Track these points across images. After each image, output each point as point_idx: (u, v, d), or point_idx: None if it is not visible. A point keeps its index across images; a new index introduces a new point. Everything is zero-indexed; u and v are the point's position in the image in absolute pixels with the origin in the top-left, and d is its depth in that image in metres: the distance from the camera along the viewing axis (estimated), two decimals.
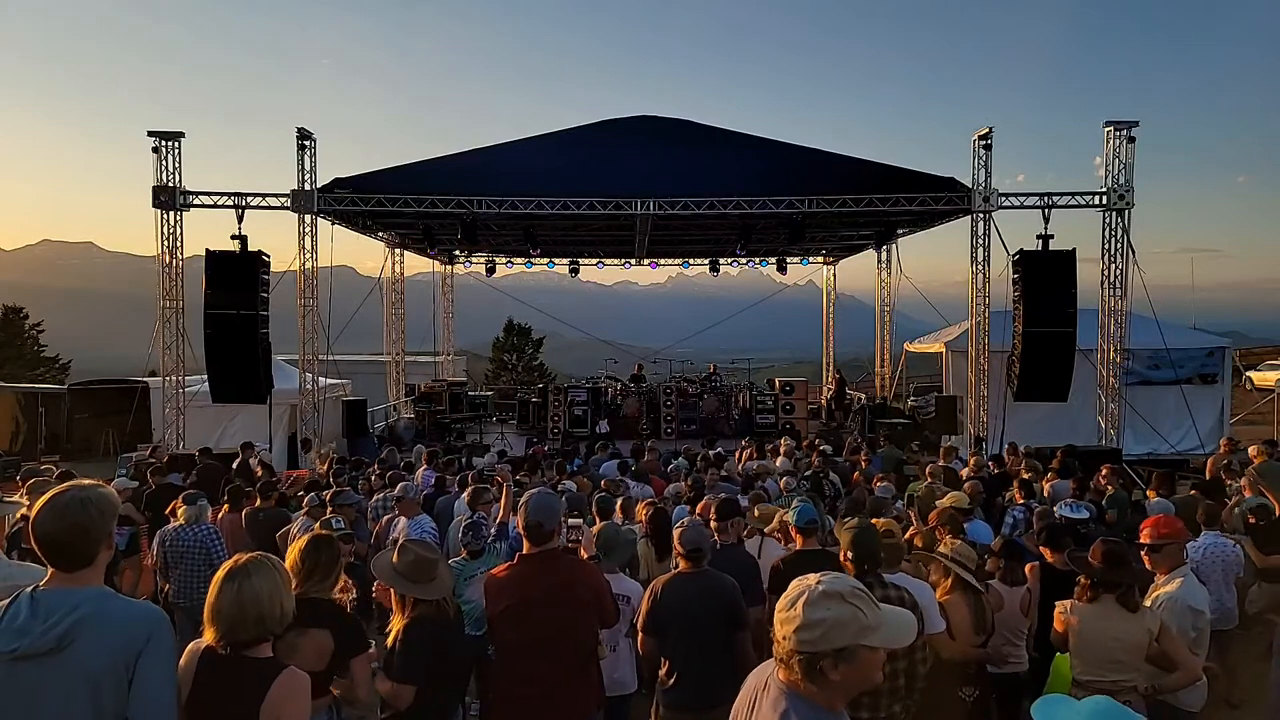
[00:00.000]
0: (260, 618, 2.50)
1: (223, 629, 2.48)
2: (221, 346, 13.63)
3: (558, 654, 3.69)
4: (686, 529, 4.30)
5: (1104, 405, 14.91)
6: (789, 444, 12.61)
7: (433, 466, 10.32)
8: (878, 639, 1.91)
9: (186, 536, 6.51)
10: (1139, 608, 3.92)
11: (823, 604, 1.90)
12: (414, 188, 15.11)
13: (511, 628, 3.72)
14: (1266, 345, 36.98)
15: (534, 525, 3.72)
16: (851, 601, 1.91)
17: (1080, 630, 3.94)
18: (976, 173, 14.72)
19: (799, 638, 1.90)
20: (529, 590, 3.70)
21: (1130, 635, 3.86)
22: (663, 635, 4.10)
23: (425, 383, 21.67)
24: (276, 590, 2.56)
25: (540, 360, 43.16)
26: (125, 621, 2.26)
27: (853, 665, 1.89)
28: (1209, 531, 6.14)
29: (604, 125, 16.74)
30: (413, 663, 3.47)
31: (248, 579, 2.52)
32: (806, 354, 66.72)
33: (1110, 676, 3.84)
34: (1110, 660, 3.86)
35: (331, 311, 15.82)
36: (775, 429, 18.64)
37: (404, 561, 3.65)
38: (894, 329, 22.30)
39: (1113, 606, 3.92)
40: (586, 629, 3.80)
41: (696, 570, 4.20)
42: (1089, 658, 3.91)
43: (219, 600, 2.51)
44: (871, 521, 4.17)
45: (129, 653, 2.22)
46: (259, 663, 2.50)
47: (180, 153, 14.37)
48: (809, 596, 1.92)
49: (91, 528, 2.29)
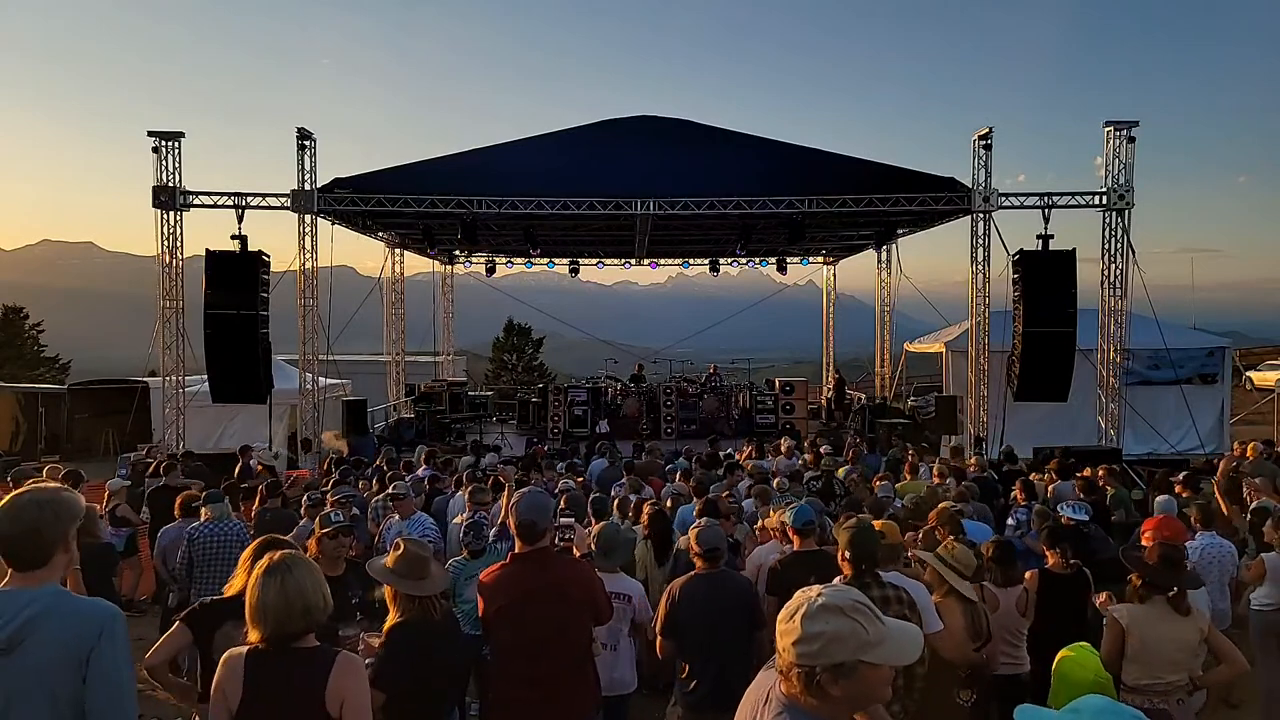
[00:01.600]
0: (307, 609, 2.53)
1: (271, 625, 2.50)
2: (221, 346, 13.64)
3: (554, 653, 3.68)
4: (703, 529, 4.30)
5: (1104, 405, 14.90)
6: (789, 444, 12.62)
7: (432, 466, 10.33)
8: (879, 655, 1.83)
9: (220, 533, 6.33)
10: (1190, 610, 3.91)
11: (821, 617, 1.83)
12: (414, 188, 15.11)
13: (506, 628, 3.71)
14: (1266, 345, 36.98)
15: (526, 524, 3.71)
16: (852, 616, 1.83)
17: (1139, 634, 3.89)
18: (976, 173, 14.72)
19: (797, 651, 1.84)
20: (522, 589, 3.69)
21: (1184, 636, 3.85)
22: (681, 637, 4.10)
23: (425, 383, 21.65)
24: (317, 581, 2.60)
25: (540, 360, 43.15)
26: (76, 618, 2.27)
27: (853, 681, 1.82)
28: (1205, 532, 6.17)
29: (604, 125, 16.74)
30: (384, 670, 3.43)
31: (289, 573, 2.55)
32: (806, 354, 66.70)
33: (1167, 678, 3.84)
34: (1169, 662, 3.85)
35: (331, 311, 15.81)
36: (775, 429, 18.65)
37: (397, 559, 3.67)
38: (894, 329, 22.28)
39: (1165, 608, 3.89)
40: (581, 628, 3.79)
41: (714, 570, 4.20)
42: (1148, 661, 3.87)
43: (263, 597, 2.52)
44: (869, 520, 4.17)
45: (82, 648, 2.22)
46: (311, 652, 2.53)
47: (180, 153, 14.37)
48: (808, 609, 1.85)
49: (45, 529, 2.30)
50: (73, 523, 2.38)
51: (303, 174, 14.83)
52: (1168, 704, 3.84)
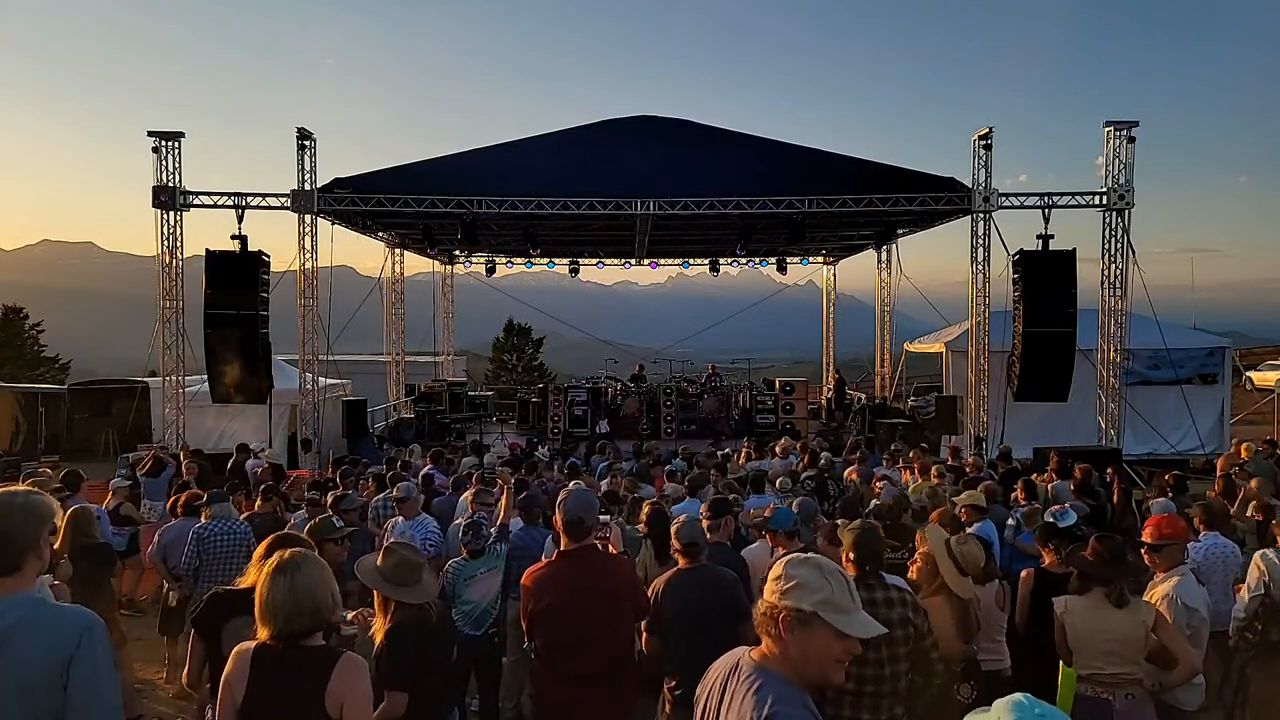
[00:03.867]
0: (315, 607, 2.53)
1: (279, 623, 2.51)
2: (221, 346, 13.66)
3: (603, 649, 3.72)
4: (683, 525, 4.33)
5: (1104, 405, 14.90)
6: (787, 444, 12.61)
7: (437, 466, 10.33)
8: (836, 619, 1.97)
9: (226, 532, 6.32)
10: (1128, 602, 3.93)
11: (802, 566, 2.04)
12: (414, 188, 15.11)
13: (554, 625, 3.73)
14: (1266, 345, 36.97)
15: (574, 521, 3.73)
16: (828, 577, 2.01)
17: (1071, 623, 3.98)
18: (976, 173, 14.73)
19: (768, 589, 2.04)
20: (571, 587, 3.71)
21: (1121, 627, 3.86)
22: (666, 632, 4.11)
23: (425, 383, 21.65)
24: (326, 579, 2.60)
25: (540, 360, 43.13)
26: (55, 626, 2.22)
27: (808, 634, 1.97)
28: (1209, 533, 6.14)
29: (604, 125, 16.75)
30: (399, 669, 3.46)
31: (298, 570, 2.55)
32: (806, 354, 66.68)
33: (1108, 669, 3.85)
34: (1104, 652, 3.87)
35: (331, 311, 15.81)
36: (775, 429, 18.65)
37: (388, 564, 3.64)
38: (894, 329, 22.28)
39: (1099, 599, 3.94)
40: (626, 623, 3.84)
41: (695, 565, 4.22)
42: (1083, 649, 3.93)
43: (272, 595, 2.52)
44: (874, 522, 4.16)
45: (62, 656, 2.17)
46: (316, 651, 2.54)
47: (180, 153, 14.38)
48: (795, 559, 2.08)
49: (16, 534, 2.24)
50: (44, 527, 2.31)
51: (303, 174, 14.82)
52: (1113, 696, 3.84)
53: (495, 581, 5.29)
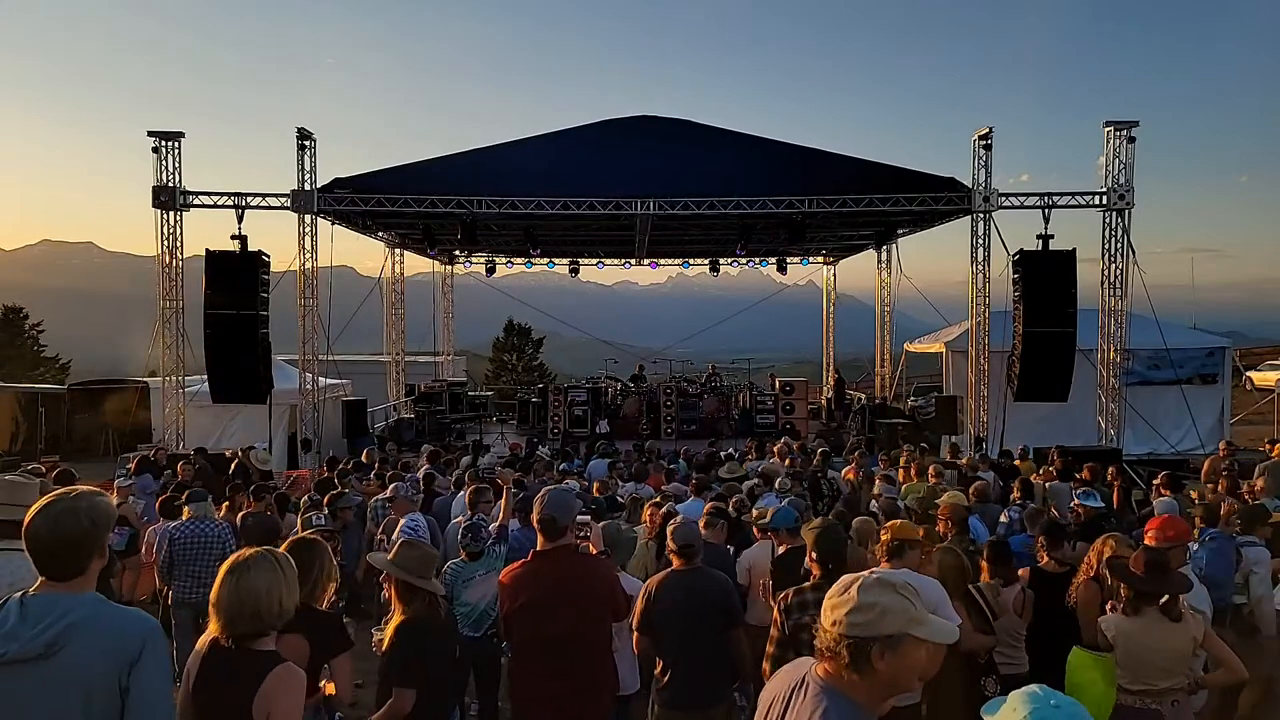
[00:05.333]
0: (256, 612, 2.55)
1: (222, 621, 2.55)
2: (221, 346, 13.64)
3: (577, 648, 3.72)
4: (679, 526, 4.33)
5: (1104, 405, 14.90)
6: (782, 444, 12.60)
7: (435, 466, 10.31)
8: (925, 631, 1.93)
9: (198, 533, 6.36)
10: (1182, 616, 3.86)
11: (878, 589, 1.93)
12: (414, 188, 15.11)
13: (529, 624, 3.72)
14: (1266, 345, 36.96)
15: (548, 520, 3.73)
16: (903, 593, 1.95)
17: (1125, 647, 3.87)
18: (977, 173, 14.72)
19: (850, 620, 1.91)
20: (544, 586, 3.71)
21: (1173, 643, 3.82)
22: (657, 634, 4.10)
23: (425, 383, 21.64)
24: (275, 586, 2.60)
25: (540, 360, 43.15)
26: (118, 629, 2.23)
27: (898, 655, 1.91)
28: (1210, 530, 6.13)
29: (604, 125, 16.73)
30: (408, 666, 3.47)
31: (247, 573, 2.58)
32: (806, 354, 66.66)
33: (1161, 684, 3.83)
34: (1159, 670, 3.83)
35: (331, 311, 15.81)
36: (775, 429, 18.65)
37: (412, 555, 3.70)
38: (894, 329, 22.26)
39: (1156, 618, 3.84)
40: (602, 623, 3.83)
41: (690, 567, 4.21)
42: (1135, 666, 3.86)
43: (219, 593, 2.57)
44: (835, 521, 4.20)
45: (123, 661, 2.18)
46: (256, 655, 2.55)
47: (180, 153, 14.36)
48: (864, 582, 1.96)
49: (84, 541, 2.26)
50: (108, 529, 2.36)
51: (303, 174, 14.82)
52: (1161, 705, 3.83)
53: (494, 583, 5.28)
